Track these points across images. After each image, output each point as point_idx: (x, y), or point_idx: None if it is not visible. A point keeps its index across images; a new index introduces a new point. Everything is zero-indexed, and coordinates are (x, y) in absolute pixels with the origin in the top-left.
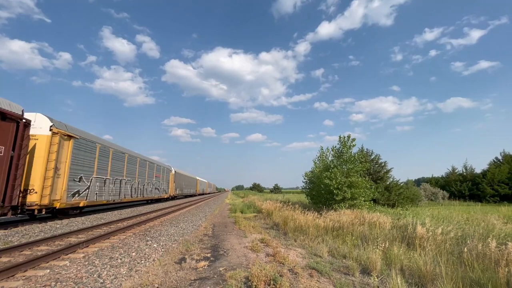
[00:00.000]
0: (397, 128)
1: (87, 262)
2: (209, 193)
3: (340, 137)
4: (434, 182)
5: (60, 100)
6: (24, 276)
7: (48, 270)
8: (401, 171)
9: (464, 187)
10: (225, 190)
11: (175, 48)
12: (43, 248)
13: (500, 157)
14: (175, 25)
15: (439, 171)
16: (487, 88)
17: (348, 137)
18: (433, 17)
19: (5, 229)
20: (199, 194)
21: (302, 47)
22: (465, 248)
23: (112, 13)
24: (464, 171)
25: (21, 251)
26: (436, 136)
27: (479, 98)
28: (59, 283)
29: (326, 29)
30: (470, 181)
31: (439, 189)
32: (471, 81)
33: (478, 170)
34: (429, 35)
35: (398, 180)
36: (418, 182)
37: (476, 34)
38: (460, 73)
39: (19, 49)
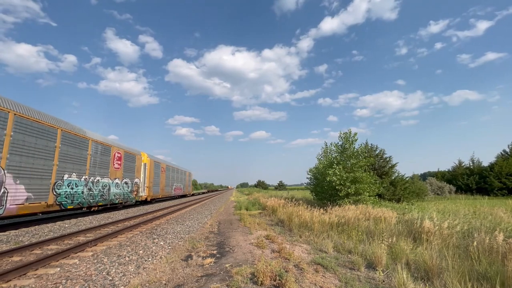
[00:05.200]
0: (402, 122)
1: (96, 260)
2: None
3: (340, 133)
4: (440, 176)
5: (66, 102)
6: (35, 275)
7: (59, 268)
8: (407, 166)
9: (471, 181)
10: (228, 187)
11: (177, 47)
12: (53, 247)
13: (508, 150)
14: (177, 25)
15: (446, 165)
16: (494, 80)
17: (350, 132)
18: (438, 9)
19: (16, 230)
20: (191, 195)
21: (305, 43)
22: (475, 242)
23: (115, 15)
24: (471, 164)
25: (32, 251)
26: (442, 129)
27: (486, 90)
28: (69, 280)
29: (329, 25)
30: (477, 174)
31: (445, 183)
32: (478, 73)
33: (485, 163)
34: (434, 27)
35: (404, 175)
36: (424, 176)
37: (483, 26)
38: (466, 65)
39: (25, 52)
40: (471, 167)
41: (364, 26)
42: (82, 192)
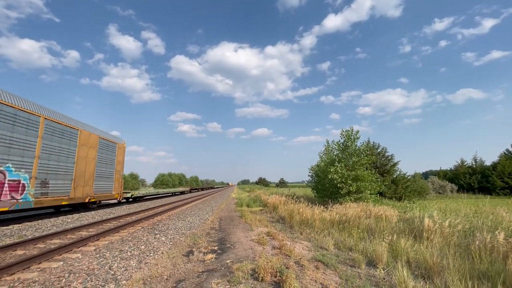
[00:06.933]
0: (404, 121)
1: (98, 255)
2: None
3: (342, 131)
4: (442, 175)
5: (68, 98)
6: (39, 268)
7: (62, 262)
8: (409, 164)
9: (473, 180)
10: (229, 184)
11: (180, 44)
12: (56, 241)
13: (511, 149)
14: (180, 21)
15: (448, 164)
16: (499, 79)
17: (351, 130)
18: (443, 6)
19: (19, 224)
20: (113, 201)
21: (308, 41)
22: (476, 241)
23: (117, 11)
24: (474, 163)
25: (35, 244)
26: (445, 128)
27: (491, 89)
28: (72, 274)
29: (332, 22)
30: (479, 173)
31: (447, 182)
32: (482, 72)
33: (488, 163)
34: (439, 25)
35: (405, 173)
36: (426, 175)
37: (488, 23)
38: (471, 63)
39: (29, 48)
40: (474, 166)
41: (368, 23)
42: None
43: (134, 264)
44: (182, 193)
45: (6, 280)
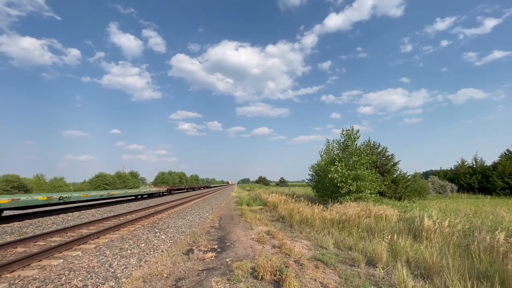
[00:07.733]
0: (405, 120)
1: (98, 253)
2: None
3: (342, 130)
4: (443, 174)
5: (69, 96)
6: (39, 265)
7: (62, 260)
8: (409, 164)
9: (473, 180)
10: (229, 183)
11: (181, 42)
12: (56, 239)
13: (511, 149)
14: (181, 19)
15: (448, 164)
16: (500, 79)
17: (352, 129)
18: (445, 6)
19: (20, 221)
20: None
21: (309, 40)
22: (475, 241)
23: (118, 9)
24: (474, 163)
25: (36, 242)
26: (446, 128)
27: (492, 89)
28: (72, 272)
29: (333, 21)
30: (480, 173)
31: (447, 182)
32: (484, 72)
33: (488, 163)
34: (441, 24)
35: (406, 173)
36: (426, 174)
37: (490, 23)
38: (472, 63)
39: (30, 45)
40: (474, 166)
41: (369, 22)
42: None
43: (134, 262)
44: (152, 195)
45: (6, 277)
